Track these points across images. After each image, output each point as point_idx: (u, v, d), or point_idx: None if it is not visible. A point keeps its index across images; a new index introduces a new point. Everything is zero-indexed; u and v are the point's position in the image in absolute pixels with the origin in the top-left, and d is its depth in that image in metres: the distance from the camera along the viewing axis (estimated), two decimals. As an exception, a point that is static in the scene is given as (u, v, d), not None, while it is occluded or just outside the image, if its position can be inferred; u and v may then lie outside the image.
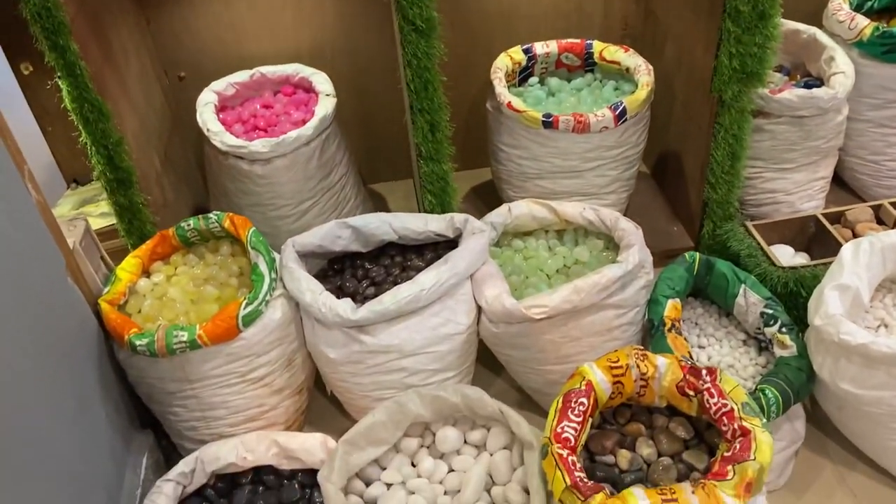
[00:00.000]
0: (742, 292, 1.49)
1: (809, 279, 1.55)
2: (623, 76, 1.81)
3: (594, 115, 1.60)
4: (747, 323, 1.51)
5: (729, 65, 1.50)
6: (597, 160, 1.68)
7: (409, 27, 1.36)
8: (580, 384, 1.18)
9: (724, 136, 1.61)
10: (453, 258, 1.41)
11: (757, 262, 1.61)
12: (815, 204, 1.82)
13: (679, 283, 1.50)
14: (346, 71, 1.90)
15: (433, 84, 1.44)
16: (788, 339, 1.39)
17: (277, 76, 1.80)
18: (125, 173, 1.42)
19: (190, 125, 1.93)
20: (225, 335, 1.29)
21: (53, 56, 1.26)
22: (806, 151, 1.73)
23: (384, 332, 1.36)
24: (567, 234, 1.62)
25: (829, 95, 1.63)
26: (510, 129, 1.70)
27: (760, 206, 1.82)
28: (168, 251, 1.51)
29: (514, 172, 1.76)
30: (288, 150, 1.58)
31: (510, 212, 1.59)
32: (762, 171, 1.77)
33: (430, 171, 1.57)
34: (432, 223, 1.52)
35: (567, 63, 1.87)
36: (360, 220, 1.51)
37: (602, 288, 1.37)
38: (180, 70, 1.85)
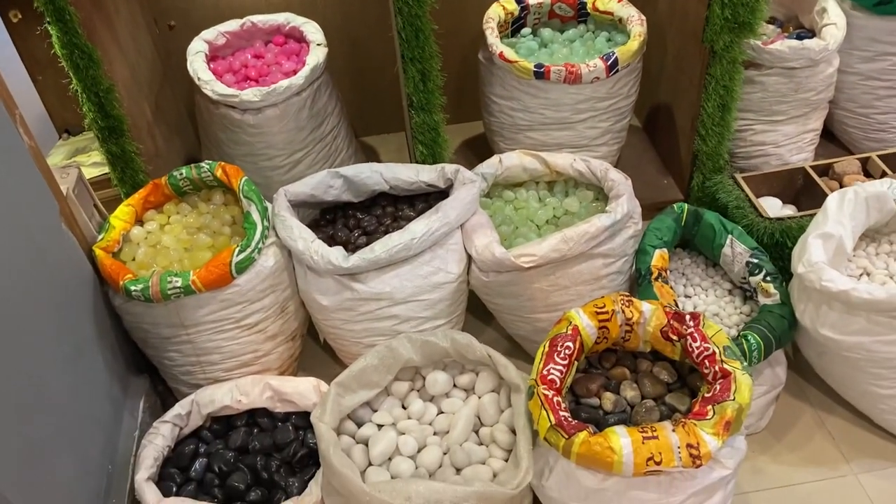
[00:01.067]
0: (729, 242, 1.51)
1: (795, 230, 1.57)
2: (616, 27, 1.80)
3: (586, 66, 1.60)
4: (733, 273, 1.53)
5: (721, 14, 1.50)
6: (588, 111, 1.69)
7: (400, -27, 1.35)
8: (566, 328, 1.21)
9: (715, 87, 1.61)
10: (444, 208, 1.42)
11: (744, 214, 1.63)
12: (804, 156, 1.83)
13: (667, 233, 1.52)
14: (337, 20, 1.89)
15: (424, 32, 1.43)
16: (772, 287, 1.42)
17: (268, 25, 1.79)
18: (116, 121, 1.43)
19: (181, 75, 1.92)
20: (218, 281, 1.31)
21: (42, 1, 1.25)
22: (796, 103, 1.73)
23: (375, 279, 1.38)
24: (557, 185, 1.63)
25: (821, 47, 1.63)
26: (502, 79, 1.70)
27: (750, 159, 1.83)
28: (161, 200, 1.52)
29: (505, 124, 1.77)
30: (279, 99, 1.58)
31: (501, 163, 1.60)
32: (752, 123, 1.78)
33: (421, 121, 1.57)
34: (423, 173, 1.53)
35: (560, 14, 1.86)
36: (352, 169, 1.52)
37: (591, 237, 1.39)
38: (170, 18, 1.84)
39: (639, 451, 1.04)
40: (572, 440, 1.07)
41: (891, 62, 1.73)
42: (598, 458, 1.06)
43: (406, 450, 1.22)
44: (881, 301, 1.19)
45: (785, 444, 1.40)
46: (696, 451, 1.05)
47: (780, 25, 1.88)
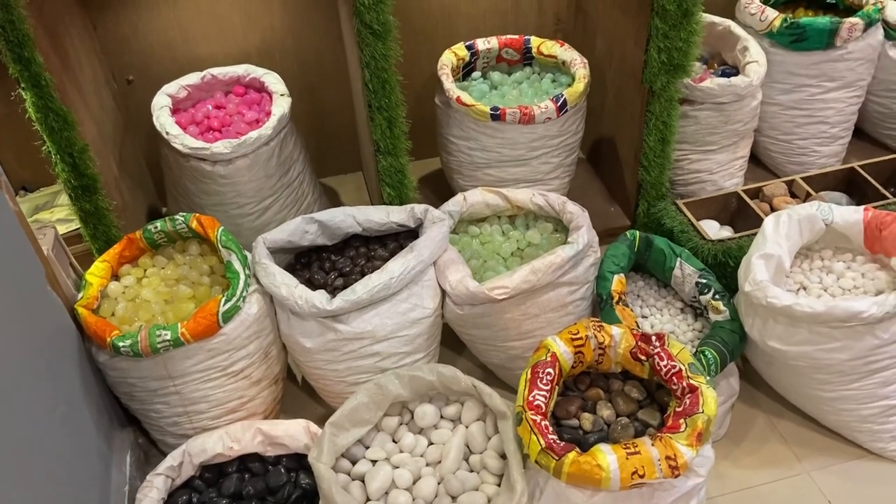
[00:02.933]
0: (678, 265, 1.64)
1: (735, 250, 1.72)
2: (559, 69, 1.93)
3: (538, 107, 1.72)
4: (684, 293, 1.66)
5: (658, 58, 1.65)
6: (541, 148, 1.80)
7: (367, 31, 1.43)
8: (546, 356, 1.30)
9: (655, 122, 1.76)
10: (418, 247, 1.50)
11: (689, 237, 1.77)
12: (735, 181, 2.00)
13: (622, 259, 1.64)
14: (293, 70, 1.95)
15: (390, 83, 1.52)
16: (721, 304, 1.55)
17: (228, 77, 1.83)
18: (90, 180, 1.44)
19: (139, 128, 1.95)
20: (206, 331, 1.34)
21: (17, 68, 1.27)
22: (726, 134, 1.90)
23: (357, 319, 1.44)
24: (518, 218, 1.73)
25: (746, 83, 1.80)
26: (459, 122, 1.80)
27: (688, 186, 1.99)
28: (135, 254, 1.53)
29: (464, 162, 1.86)
30: (249, 150, 1.63)
31: (465, 200, 1.69)
32: (688, 153, 1.93)
33: (388, 164, 1.65)
34: (394, 214, 1.61)
35: (507, 58, 1.97)
36: (326, 214, 1.57)
37: (557, 267, 1.49)
38: (128, 73, 1.86)
39: (624, 466, 1.14)
40: (562, 461, 1.16)
41: (808, 93, 1.92)
42: (587, 475, 1.14)
43: (402, 482, 1.27)
44: (821, 313, 1.33)
45: (743, 449, 1.52)
46: (675, 462, 1.15)
47: (705, 62, 2.05)
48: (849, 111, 1.98)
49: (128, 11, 1.76)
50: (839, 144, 2.04)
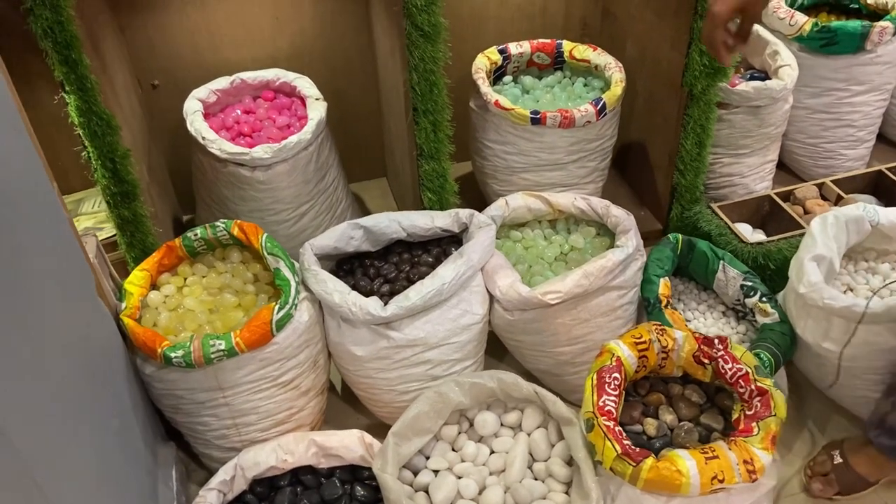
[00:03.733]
0: (722, 268, 1.64)
1: (775, 253, 1.72)
2: (591, 73, 1.93)
3: (578, 111, 1.70)
4: (727, 296, 1.66)
5: (700, 61, 1.64)
6: (579, 152, 1.79)
7: (418, 32, 1.41)
8: (611, 360, 1.28)
9: (693, 126, 1.75)
10: (467, 252, 1.47)
11: (728, 240, 1.76)
12: (765, 185, 2.01)
13: (667, 262, 1.63)
14: (322, 74, 1.91)
15: (438, 86, 1.49)
16: (769, 307, 1.55)
17: (258, 81, 1.79)
18: (130, 186, 1.40)
19: (163, 134, 1.90)
20: (260, 340, 1.30)
21: (64, 70, 1.22)
22: (759, 137, 1.90)
23: (409, 326, 1.41)
24: (559, 223, 1.72)
25: (781, 86, 1.81)
26: (497, 126, 1.78)
27: (719, 189, 1.99)
28: (174, 262, 1.48)
29: (500, 167, 1.84)
30: (289, 154, 1.59)
31: (507, 205, 1.66)
32: (721, 156, 1.93)
33: (430, 169, 1.62)
34: (439, 219, 1.58)
35: (538, 62, 1.96)
36: (371, 220, 1.54)
37: (608, 271, 1.48)
38: (153, 78, 1.81)
39: (703, 471, 1.12)
40: (640, 467, 1.14)
41: (836, 97, 1.93)
42: (666, 481, 1.12)
43: (468, 493, 1.24)
44: (880, 314, 1.33)
45: (796, 453, 1.51)
46: (752, 466, 1.14)
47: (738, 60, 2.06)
48: (875, 115, 2.00)
49: (156, 15, 1.72)
50: (864, 148, 2.06)
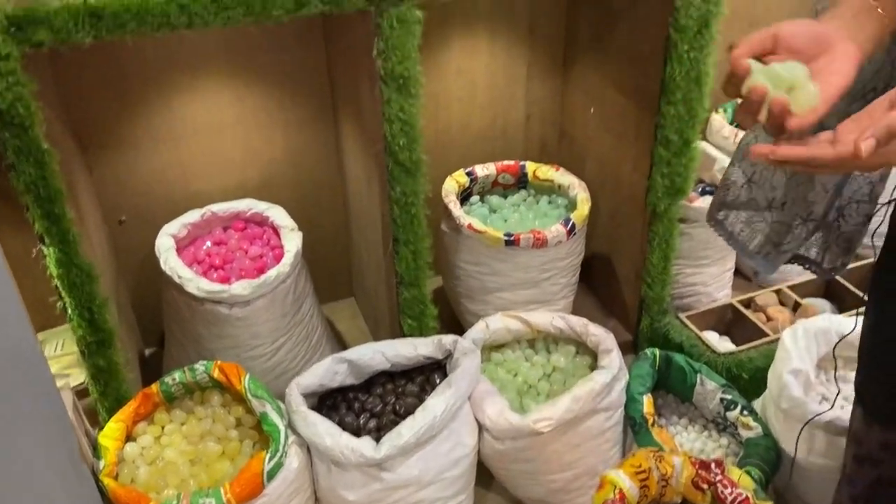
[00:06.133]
0: (700, 381, 1.67)
1: (746, 363, 1.77)
2: (554, 191, 2.00)
3: (550, 232, 1.75)
4: (707, 409, 1.68)
5: (662, 182, 1.73)
6: (551, 270, 1.83)
7: (399, 168, 1.44)
8: (613, 493, 1.27)
9: (659, 242, 1.82)
10: (455, 381, 1.46)
11: (700, 352, 1.81)
12: (726, 292, 2.08)
13: (647, 379, 1.65)
14: (291, 202, 1.92)
15: (418, 217, 1.52)
16: (752, 420, 1.58)
17: (229, 213, 1.78)
18: (106, 334, 1.34)
19: (130, 269, 1.85)
20: (251, 494, 1.23)
21: (45, 225, 1.19)
22: (717, 248, 1.99)
23: (402, 465, 1.36)
24: (538, 342, 1.73)
25: (734, 201, 1.91)
26: (470, 247, 1.81)
27: (683, 299, 2.05)
28: (150, 409, 1.42)
29: (474, 287, 1.86)
30: (268, 289, 1.57)
31: (488, 327, 1.67)
32: (683, 267, 2.01)
33: (411, 296, 1.62)
34: (422, 347, 1.57)
35: (503, 182, 2.03)
36: (355, 353, 1.52)
37: (596, 394, 1.48)
38: (121, 214, 1.78)
39: None
40: None
41: (782, 208, 2.05)
42: None
43: None
44: (862, 426, 1.37)
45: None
46: None
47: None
48: (818, 222, 2.13)
49: (126, 153, 1.70)
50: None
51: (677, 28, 1.52)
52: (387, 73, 1.34)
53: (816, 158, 0.70)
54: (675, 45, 1.54)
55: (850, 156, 0.67)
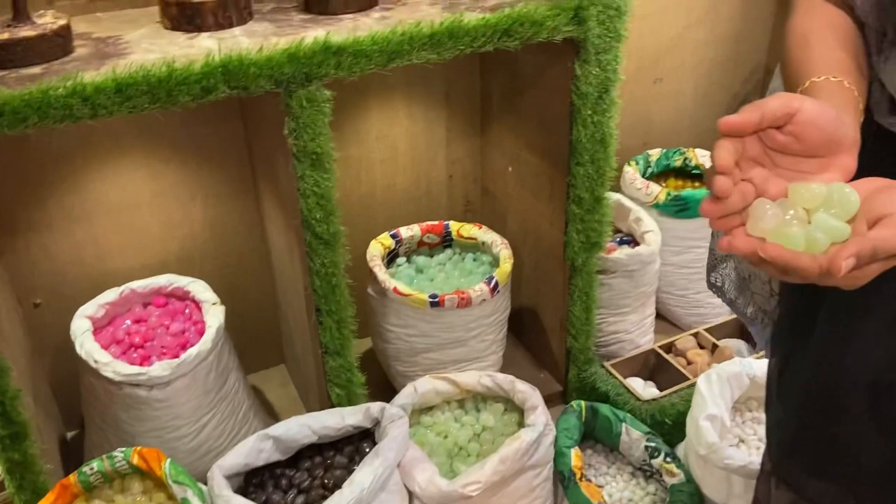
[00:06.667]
0: (625, 430, 1.72)
1: (668, 408, 1.82)
2: (478, 249, 2.04)
3: (474, 291, 1.79)
4: (633, 457, 1.72)
5: (577, 238, 1.79)
6: (478, 328, 1.86)
7: (317, 241, 1.46)
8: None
9: (579, 294, 1.88)
10: (383, 450, 1.46)
11: (625, 399, 1.86)
12: (649, 337, 2.15)
13: (574, 431, 1.69)
14: (214, 273, 1.91)
15: (340, 287, 1.53)
16: (674, 467, 1.62)
17: (149, 289, 1.76)
18: (21, 427, 1.30)
19: (46, 351, 1.80)
20: (173, 589, 1.20)
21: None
22: (637, 296, 2.06)
23: (331, 542, 1.35)
24: (467, 402, 1.75)
25: (649, 251, 1.99)
26: (396, 310, 1.83)
27: (608, 346, 2.11)
28: (68, 501, 1.37)
29: (402, 349, 1.87)
30: (188, 368, 1.55)
31: (416, 390, 1.68)
32: (606, 316, 2.07)
33: (336, 365, 1.62)
34: (349, 417, 1.56)
35: (428, 242, 2.06)
36: (281, 428, 1.50)
37: (523, 452, 1.51)
38: (35, 297, 1.73)
39: None
40: None
41: (696, 253, 2.15)
42: None
43: None
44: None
45: None
46: None
47: (605, 231, 2.25)
48: (730, 265, 2.23)
49: (40, 235, 1.67)
50: (727, 294, 2.28)
51: (579, 94, 1.60)
52: (299, 150, 1.36)
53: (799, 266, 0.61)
54: (579, 110, 1.62)
55: (823, 270, 0.60)
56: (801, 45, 0.82)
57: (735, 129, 0.65)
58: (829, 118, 0.67)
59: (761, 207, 0.65)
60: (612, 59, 1.58)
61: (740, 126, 0.65)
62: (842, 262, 0.59)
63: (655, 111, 2.43)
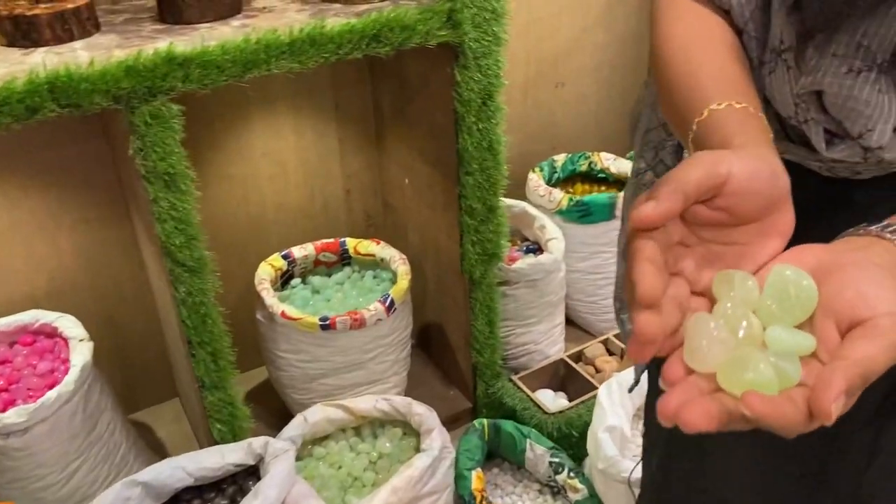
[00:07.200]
0: (529, 446, 1.65)
1: (576, 420, 1.77)
2: (378, 265, 1.96)
3: (368, 311, 1.70)
4: (539, 473, 1.66)
5: (473, 250, 1.73)
6: (376, 350, 1.77)
7: (181, 268, 1.35)
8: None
9: (480, 308, 1.82)
10: (263, 489, 1.36)
11: (532, 414, 1.80)
12: (559, 346, 2.10)
13: (476, 452, 1.62)
14: (89, 306, 1.78)
15: (211, 317, 1.43)
16: (578, 482, 1.57)
17: (14, 327, 1.62)
18: None
19: None
20: None
21: None
22: (542, 305, 2.01)
23: None
24: (364, 428, 1.66)
25: (551, 259, 1.95)
26: (287, 336, 1.73)
27: (517, 359, 2.05)
28: None
29: (296, 376, 1.77)
30: (49, 413, 1.41)
31: (306, 421, 1.59)
32: (512, 328, 2.01)
33: (216, 399, 1.52)
34: (230, 455, 1.46)
35: (325, 261, 1.97)
36: (150, 473, 1.39)
37: (417, 480, 1.43)
38: None
39: None
40: None
41: (602, 258, 2.11)
42: None
43: None
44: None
45: None
46: None
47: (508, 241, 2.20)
48: (638, 268, 2.20)
49: None
50: (637, 298, 2.25)
51: (461, 101, 1.54)
52: (149, 171, 1.26)
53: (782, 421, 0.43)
54: (463, 117, 1.56)
55: (807, 419, 0.43)
56: (684, 59, 0.66)
57: (654, 223, 0.48)
58: (764, 178, 0.52)
59: (703, 328, 0.47)
60: (492, 63, 1.53)
61: (660, 219, 0.48)
62: (830, 406, 0.42)
63: (560, 116, 2.40)
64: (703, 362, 0.47)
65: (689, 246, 0.53)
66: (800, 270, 0.49)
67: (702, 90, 0.63)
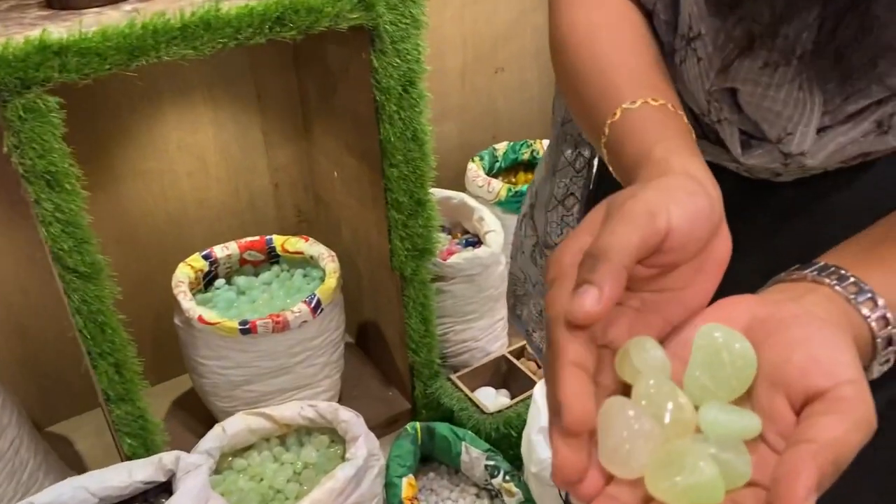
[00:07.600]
0: (465, 449, 1.59)
1: (515, 419, 1.70)
2: (308, 263, 1.87)
3: (292, 313, 1.61)
4: (475, 476, 1.60)
5: (402, 246, 1.65)
6: (303, 353, 1.68)
7: (72, 275, 1.25)
8: None
9: (414, 306, 1.74)
10: (171, 509, 1.27)
11: (469, 414, 1.73)
12: (501, 342, 2.03)
13: (408, 457, 1.54)
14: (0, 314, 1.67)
15: (110, 325, 1.32)
16: (513, 486, 1.50)
17: None
18: None
19: None
20: None
21: None
22: (482, 301, 1.94)
23: None
24: (289, 437, 1.57)
25: (488, 253, 1.87)
26: (206, 341, 1.63)
27: (458, 356, 1.98)
28: None
29: (219, 383, 1.68)
30: (-67, 435, 1.30)
31: (225, 431, 1.49)
32: (452, 325, 1.93)
33: (123, 413, 1.42)
34: (138, 471, 1.36)
35: (251, 259, 1.87)
36: (50, 494, 1.28)
37: (339, 492, 1.35)
38: None
39: None
40: None
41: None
42: None
43: None
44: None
45: None
46: None
47: (448, 232, 2.12)
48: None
49: None
50: (581, 289, 2.19)
51: (380, 89, 1.45)
52: (27, 170, 1.15)
53: None
54: (383, 105, 1.47)
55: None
56: (589, 51, 0.57)
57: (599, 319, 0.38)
58: (704, 217, 0.42)
59: (619, 418, 0.37)
60: (412, 48, 1.44)
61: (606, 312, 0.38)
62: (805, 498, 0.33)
63: (501, 103, 2.32)
64: (625, 465, 0.36)
65: (620, 303, 0.41)
66: (731, 330, 0.40)
67: (613, 87, 0.54)
